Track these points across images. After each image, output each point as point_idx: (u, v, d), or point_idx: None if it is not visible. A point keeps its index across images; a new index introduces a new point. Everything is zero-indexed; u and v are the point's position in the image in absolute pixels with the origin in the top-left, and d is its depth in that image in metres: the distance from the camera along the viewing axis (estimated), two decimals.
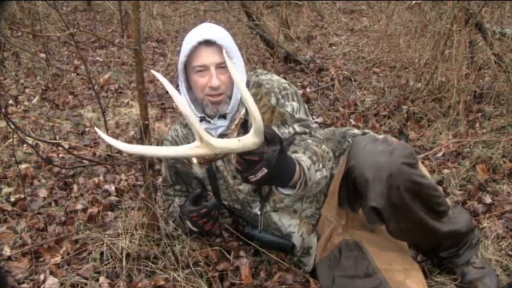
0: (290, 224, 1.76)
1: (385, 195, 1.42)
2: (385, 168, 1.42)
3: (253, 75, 1.75)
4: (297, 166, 1.39)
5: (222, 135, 1.71)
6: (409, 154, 1.48)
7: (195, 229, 1.76)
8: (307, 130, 1.65)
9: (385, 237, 1.59)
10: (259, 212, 1.78)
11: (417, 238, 1.62)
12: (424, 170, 1.68)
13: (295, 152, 1.54)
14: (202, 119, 1.68)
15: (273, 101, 1.66)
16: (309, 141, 1.60)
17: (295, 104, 1.68)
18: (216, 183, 1.81)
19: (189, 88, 1.70)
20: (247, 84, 1.70)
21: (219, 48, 1.59)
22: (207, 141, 1.22)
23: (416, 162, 1.50)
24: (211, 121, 1.70)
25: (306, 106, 1.75)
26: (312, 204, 1.77)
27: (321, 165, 1.51)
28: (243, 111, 1.24)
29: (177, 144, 1.86)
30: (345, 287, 1.56)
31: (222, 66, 1.61)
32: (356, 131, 1.86)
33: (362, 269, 1.56)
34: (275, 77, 1.74)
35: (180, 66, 1.65)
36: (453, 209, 1.67)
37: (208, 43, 1.59)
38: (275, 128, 1.63)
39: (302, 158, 1.46)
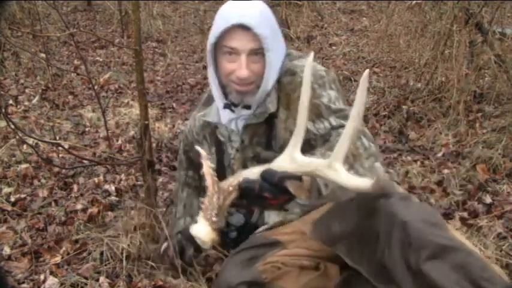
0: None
1: None
2: None
3: (286, 59, 1.53)
4: None
5: (246, 126, 1.58)
6: None
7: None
8: (344, 123, 1.40)
9: None
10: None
11: None
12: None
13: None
14: (226, 106, 1.53)
15: None
16: None
17: (332, 93, 1.50)
18: (224, 176, 1.74)
19: (217, 70, 1.52)
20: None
21: (255, 34, 1.41)
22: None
23: None
24: (235, 110, 1.54)
25: (344, 94, 1.58)
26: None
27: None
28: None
29: (192, 134, 1.73)
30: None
31: (255, 53, 1.44)
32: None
33: None
34: None
35: (209, 47, 1.47)
36: None
37: (243, 27, 1.41)
38: (309, 123, 1.45)
39: None
